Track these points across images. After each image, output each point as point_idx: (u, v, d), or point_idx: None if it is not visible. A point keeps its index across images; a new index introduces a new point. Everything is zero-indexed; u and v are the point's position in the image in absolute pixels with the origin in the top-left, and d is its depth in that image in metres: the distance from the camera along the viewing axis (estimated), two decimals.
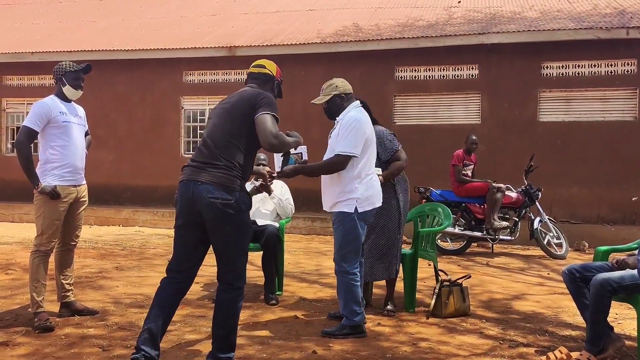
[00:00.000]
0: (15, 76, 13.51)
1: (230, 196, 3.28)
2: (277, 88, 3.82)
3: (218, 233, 3.33)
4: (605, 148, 10.36)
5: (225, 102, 3.59)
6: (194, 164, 3.40)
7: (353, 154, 4.25)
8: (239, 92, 3.62)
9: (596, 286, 3.64)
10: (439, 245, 8.69)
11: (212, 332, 3.43)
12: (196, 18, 14.42)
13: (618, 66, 10.45)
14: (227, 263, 3.39)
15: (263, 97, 3.47)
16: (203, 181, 3.29)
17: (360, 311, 4.35)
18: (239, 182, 3.35)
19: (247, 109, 3.42)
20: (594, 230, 9.81)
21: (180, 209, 3.41)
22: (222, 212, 3.27)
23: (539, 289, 6.21)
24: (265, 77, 3.74)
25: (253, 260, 6.30)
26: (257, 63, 3.78)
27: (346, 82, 4.57)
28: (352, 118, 4.36)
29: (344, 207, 4.30)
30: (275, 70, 3.80)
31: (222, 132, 3.41)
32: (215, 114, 3.56)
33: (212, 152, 3.37)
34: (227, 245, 3.36)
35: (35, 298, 4.39)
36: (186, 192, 3.35)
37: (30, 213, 12.22)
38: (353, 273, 4.32)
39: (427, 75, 11.38)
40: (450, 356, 3.90)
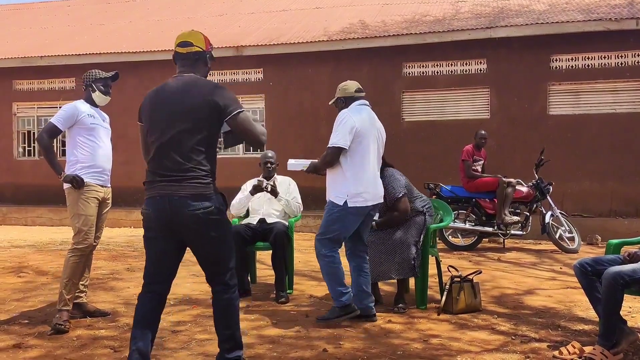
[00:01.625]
0: (25, 80, 13.60)
1: (209, 203, 3.16)
2: (209, 61, 3.47)
3: (205, 241, 3.22)
4: (616, 140, 10.27)
5: (169, 102, 3.22)
6: (162, 177, 3.18)
7: (340, 145, 4.43)
8: (178, 85, 3.25)
9: (608, 279, 3.60)
10: (450, 241, 8.67)
11: (218, 334, 3.37)
12: (203, 19, 14.44)
13: (628, 57, 10.34)
14: (220, 265, 3.31)
15: (221, 92, 3.20)
16: (180, 195, 3.12)
17: (347, 291, 4.51)
18: (212, 186, 3.22)
19: (209, 109, 3.16)
20: (606, 223, 9.74)
21: (153, 223, 3.22)
22: (206, 220, 3.15)
23: (551, 284, 6.17)
24: (195, 55, 3.37)
25: (263, 259, 6.32)
26: (182, 40, 3.37)
27: (350, 86, 4.76)
28: (342, 112, 4.58)
29: (333, 197, 4.53)
30: (203, 42, 3.41)
31: (184, 138, 3.16)
32: (163, 117, 3.21)
33: (178, 162, 3.15)
34: (217, 250, 3.28)
35: (64, 295, 4.48)
36: (161, 207, 3.16)
37: (42, 216, 12.34)
38: (330, 255, 4.50)
39: (435, 71, 11.33)
40: (462, 352, 3.88)
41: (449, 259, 7.42)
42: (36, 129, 13.47)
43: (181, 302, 5.32)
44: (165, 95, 3.26)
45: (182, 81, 3.27)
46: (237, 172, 11.70)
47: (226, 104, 3.17)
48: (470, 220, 8.64)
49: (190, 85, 3.23)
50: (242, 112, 3.21)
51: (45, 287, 5.91)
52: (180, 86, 3.24)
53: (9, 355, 3.84)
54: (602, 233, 9.27)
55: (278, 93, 12.03)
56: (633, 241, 4.42)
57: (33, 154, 13.56)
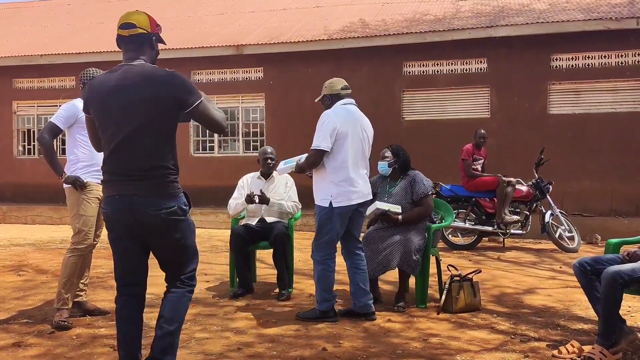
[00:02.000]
0: (25, 79, 13.60)
1: (172, 203, 2.99)
2: (156, 43, 3.20)
3: (167, 243, 3.06)
4: (616, 140, 10.26)
5: (122, 94, 2.96)
6: (121, 176, 2.98)
7: (322, 147, 4.46)
8: (129, 75, 2.99)
9: (607, 279, 3.60)
10: (450, 240, 8.67)
11: (156, 329, 3.10)
12: (203, 17, 14.44)
13: (628, 57, 10.34)
14: (181, 267, 3.17)
15: (179, 83, 2.98)
16: (140, 194, 2.94)
17: (331, 298, 4.61)
18: (175, 184, 3.04)
19: (167, 102, 2.96)
20: (606, 223, 9.73)
21: (114, 223, 3.06)
22: (169, 221, 2.99)
23: (550, 283, 6.17)
24: (140, 38, 3.09)
25: (263, 257, 6.32)
26: (125, 22, 3.10)
27: (336, 83, 4.76)
28: (324, 114, 4.59)
29: (319, 201, 4.59)
30: (148, 23, 3.13)
31: (143, 134, 2.95)
32: (117, 111, 2.97)
33: (138, 160, 2.96)
34: (179, 252, 3.13)
35: (63, 294, 4.49)
36: (121, 207, 2.98)
37: (42, 215, 12.34)
38: (325, 263, 4.56)
39: (435, 70, 11.32)
40: (461, 351, 3.88)
41: (448, 258, 7.42)
42: (36, 128, 13.47)
43: None
44: (116, 87, 2.98)
45: (133, 71, 3.01)
46: (237, 171, 11.72)
47: (186, 96, 2.98)
48: (470, 219, 8.64)
49: (143, 76, 2.98)
50: (202, 101, 3.03)
51: (45, 286, 5.92)
52: (132, 77, 2.98)
53: (8, 353, 3.84)
54: (602, 232, 9.27)
55: (278, 92, 12.03)
56: (632, 240, 4.42)
57: (33, 152, 13.56)
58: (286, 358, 3.76)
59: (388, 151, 5.35)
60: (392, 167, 5.26)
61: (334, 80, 4.78)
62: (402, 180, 5.25)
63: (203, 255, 7.93)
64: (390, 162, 5.27)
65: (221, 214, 11.38)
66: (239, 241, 5.45)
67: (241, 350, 3.90)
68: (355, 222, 4.69)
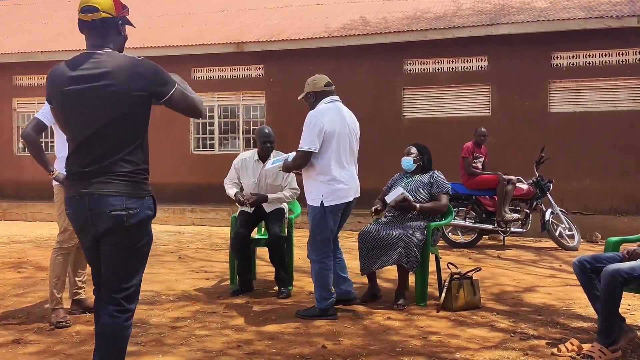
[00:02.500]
0: (25, 76, 13.59)
1: (134, 205, 2.70)
2: (122, 28, 2.88)
3: (115, 245, 2.73)
4: (617, 138, 10.25)
5: (87, 87, 2.69)
6: (84, 175, 2.71)
7: (309, 149, 4.48)
8: (95, 65, 2.70)
9: (607, 277, 3.61)
10: (450, 238, 8.67)
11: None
12: (204, 15, 14.42)
13: (629, 55, 10.32)
14: (121, 280, 2.76)
15: (150, 72, 2.73)
16: (102, 193, 2.67)
17: (329, 297, 4.61)
18: (143, 185, 2.77)
19: (139, 94, 2.70)
20: (607, 221, 9.73)
21: (77, 227, 2.83)
22: (125, 225, 2.69)
23: (550, 281, 6.17)
24: (103, 22, 2.78)
25: (263, 255, 6.32)
26: (86, 4, 2.81)
27: (320, 80, 4.73)
28: (310, 115, 4.58)
29: (311, 201, 4.62)
30: (112, 6, 2.81)
31: (111, 130, 2.69)
32: (82, 106, 2.70)
33: (103, 158, 2.68)
34: (124, 259, 2.76)
35: (55, 295, 4.47)
36: (81, 207, 2.71)
37: (42, 212, 12.34)
38: (322, 262, 4.60)
39: (436, 68, 11.31)
40: (461, 349, 3.88)
41: (448, 256, 7.42)
42: None
43: (180, 298, 5.32)
44: (80, 80, 2.70)
45: (98, 60, 2.71)
46: None
47: (159, 88, 2.74)
48: (470, 217, 8.64)
49: (111, 67, 2.68)
50: (176, 88, 2.79)
51: (44, 283, 5.91)
52: (98, 68, 2.69)
53: (8, 350, 3.84)
54: (602, 231, 9.27)
55: (279, 89, 12.02)
56: (632, 239, 4.42)
57: None
58: (286, 355, 3.76)
59: (413, 147, 5.44)
60: (417, 164, 5.37)
61: (317, 77, 4.75)
62: (423, 176, 5.35)
63: (203, 252, 7.98)
64: (416, 159, 5.37)
65: (221, 211, 11.38)
66: (239, 242, 5.44)
67: (241, 348, 3.90)
68: (343, 217, 4.79)
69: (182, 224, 11.41)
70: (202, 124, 12.68)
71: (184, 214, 11.68)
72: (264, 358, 3.72)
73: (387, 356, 3.75)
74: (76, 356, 3.75)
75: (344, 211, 4.75)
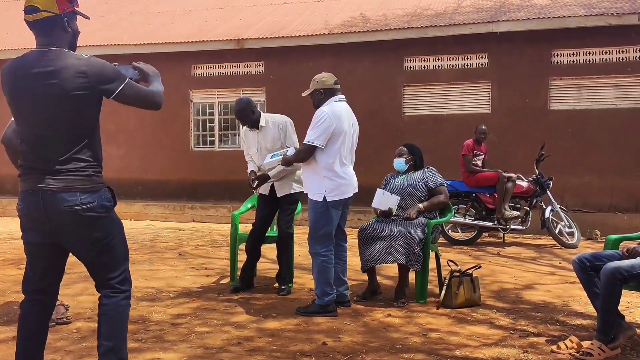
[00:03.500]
0: None
1: (90, 198, 2.73)
2: (70, 24, 2.82)
3: (86, 243, 2.79)
4: (617, 136, 10.25)
5: (35, 85, 2.71)
6: (35, 170, 2.74)
7: (315, 144, 4.56)
8: (43, 64, 2.71)
9: (607, 275, 3.61)
10: (450, 235, 8.68)
11: (98, 346, 2.89)
12: (204, 11, 14.40)
13: (630, 53, 10.31)
14: (107, 270, 2.86)
15: (97, 70, 2.73)
16: (55, 189, 2.69)
17: (331, 292, 4.65)
18: (96, 178, 2.79)
19: (87, 93, 2.71)
20: (606, 218, 9.74)
21: (27, 223, 2.83)
22: (87, 219, 2.73)
23: (550, 279, 6.18)
24: (46, 22, 2.75)
25: (264, 252, 6.31)
26: (28, 5, 2.76)
27: (328, 77, 4.80)
28: (321, 111, 4.63)
29: (313, 196, 4.67)
30: (54, 4, 2.75)
31: (59, 127, 2.72)
32: (31, 103, 2.73)
33: (53, 153, 2.71)
34: (101, 252, 2.83)
35: None
36: (34, 203, 2.73)
37: None
38: (325, 255, 4.64)
39: (436, 65, 11.30)
40: (461, 346, 3.89)
41: (448, 253, 7.43)
42: None
43: (181, 295, 5.33)
44: (28, 77, 2.73)
45: (47, 59, 2.72)
46: (237, 165, 11.71)
47: (106, 85, 2.75)
48: (470, 214, 8.64)
49: (59, 66, 2.69)
50: (126, 83, 2.79)
51: None
52: (45, 65, 2.70)
53: (9, 347, 3.85)
54: (602, 228, 9.28)
55: (279, 86, 12.01)
56: (632, 237, 4.43)
57: None
58: (286, 352, 3.77)
59: (404, 149, 5.54)
60: (409, 164, 5.46)
61: (325, 75, 4.81)
62: (417, 172, 5.43)
63: (203, 249, 7.99)
64: (407, 159, 5.46)
65: (221, 208, 11.39)
66: (252, 242, 5.46)
67: (241, 345, 3.91)
68: (343, 213, 4.85)
69: (182, 221, 11.41)
70: (202, 121, 12.68)
71: (183, 211, 11.69)
72: (265, 355, 3.73)
73: (387, 353, 3.76)
74: (77, 352, 3.76)
75: (344, 207, 4.81)
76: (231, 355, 3.73)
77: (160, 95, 2.96)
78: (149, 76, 2.99)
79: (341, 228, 4.93)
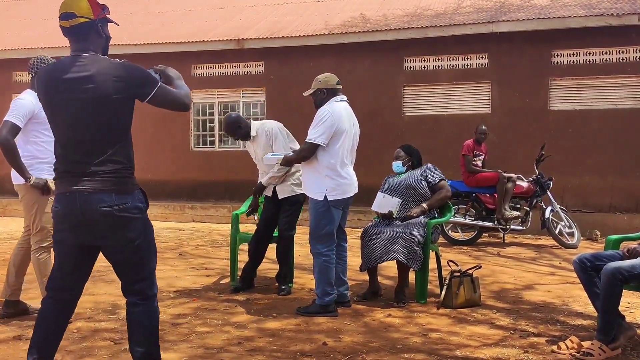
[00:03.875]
0: (25, 72, 13.53)
1: (124, 200, 2.82)
2: (103, 29, 2.95)
3: (119, 243, 2.86)
4: (617, 136, 10.25)
5: (70, 90, 2.79)
6: (72, 172, 2.82)
7: (318, 142, 4.57)
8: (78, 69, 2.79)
9: (607, 275, 3.62)
10: (450, 235, 8.68)
11: (130, 351, 2.97)
12: (204, 11, 14.40)
13: (630, 53, 10.31)
14: (137, 272, 2.93)
15: (131, 75, 2.83)
16: (91, 190, 2.77)
17: (332, 292, 4.66)
18: (130, 180, 2.88)
19: (120, 97, 2.80)
20: (606, 219, 9.74)
21: (62, 224, 2.89)
22: (121, 219, 2.81)
23: (550, 279, 6.18)
24: (82, 28, 2.85)
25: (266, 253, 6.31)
26: (64, 11, 2.87)
27: (331, 78, 4.83)
28: (324, 110, 4.66)
29: (314, 195, 4.67)
30: (89, 10, 2.87)
31: (95, 130, 2.80)
32: (66, 108, 2.82)
33: (89, 156, 2.80)
34: (133, 254, 2.90)
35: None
36: (71, 204, 2.81)
37: None
38: (327, 255, 4.64)
39: (436, 65, 11.30)
40: (461, 347, 3.89)
41: (448, 253, 7.43)
42: None
43: (181, 294, 5.33)
44: (64, 82, 2.81)
45: (81, 64, 2.80)
46: (237, 165, 11.73)
47: (140, 89, 2.85)
48: (470, 215, 8.65)
49: (92, 70, 2.78)
50: (159, 87, 2.88)
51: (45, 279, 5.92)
52: (80, 70, 2.79)
53: (9, 346, 3.85)
54: (602, 228, 9.28)
55: (279, 86, 12.01)
56: (632, 237, 4.43)
57: None
58: (286, 352, 3.77)
59: (402, 151, 5.56)
60: (406, 165, 5.48)
61: (328, 76, 4.84)
62: (414, 171, 5.43)
63: (203, 249, 7.99)
64: (405, 161, 5.48)
65: (221, 208, 11.39)
66: (256, 244, 5.47)
67: (242, 345, 3.92)
68: (344, 213, 4.85)
69: (182, 221, 11.41)
70: (202, 121, 12.69)
71: (183, 211, 11.69)
72: (265, 355, 3.73)
73: (387, 353, 3.76)
74: (77, 352, 3.76)
75: (345, 207, 4.82)
76: (231, 355, 3.73)
77: (188, 96, 3.05)
78: (172, 78, 3.07)
79: (342, 228, 4.94)
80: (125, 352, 3.68)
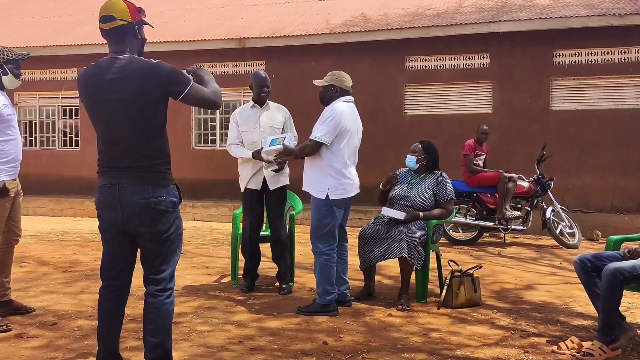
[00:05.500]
0: (26, 70, 13.54)
1: (161, 193, 3.00)
2: (139, 32, 3.12)
3: (151, 232, 3.03)
4: (618, 136, 10.24)
5: (108, 90, 2.96)
6: (113, 167, 3.02)
7: (322, 140, 4.57)
8: (115, 70, 2.96)
9: (608, 276, 3.62)
10: (451, 235, 8.68)
11: (144, 342, 3.12)
12: (205, 10, 14.41)
13: (632, 53, 10.30)
14: (160, 264, 3.09)
15: (165, 74, 2.97)
16: (130, 182, 2.97)
17: (333, 291, 4.67)
18: (166, 175, 3.06)
19: (155, 96, 2.97)
20: (607, 219, 9.74)
21: (104, 214, 3.09)
22: (155, 211, 2.99)
23: (550, 279, 6.18)
24: (120, 30, 3.01)
25: (264, 251, 6.32)
26: (105, 14, 3.01)
27: (348, 79, 4.85)
28: (331, 109, 4.65)
29: (316, 193, 4.67)
30: (128, 13, 3.03)
31: (132, 128, 2.98)
32: (105, 107, 2.99)
33: (128, 152, 2.99)
34: (161, 246, 3.07)
35: None
36: (111, 196, 3.01)
37: (44, 206, 12.36)
38: (328, 254, 4.65)
39: (437, 65, 11.29)
40: (461, 346, 3.89)
41: (449, 253, 7.44)
42: (37, 119, 13.48)
43: (182, 293, 5.33)
44: (103, 82, 2.97)
45: (119, 65, 2.97)
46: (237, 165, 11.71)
47: (175, 88, 2.99)
48: (471, 214, 8.64)
49: (130, 71, 2.95)
50: (192, 86, 3.02)
51: (46, 277, 5.94)
52: (118, 71, 2.95)
53: (10, 344, 3.86)
54: (603, 229, 9.27)
55: (280, 85, 11.96)
56: (633, 237, 4.44)
57: (34, 144, 13.54)
58: (287, 351, 3.77)
59: (419, 146, 5.36)
60: (421, 164, 5.30)
61: (345, 76, 4.83)
62: (428, 177, 5.29)
63: (204, 248, 7.99)
64: (419, 158, 5.29)
65: (222, 207, 11.39)
66: (248, 246, 5.46)
67: (242, 344, 3.92)
68: (345, 213, 4.85)
69: (183, 220, 11.39)
70: (204, 120, 12.69)
71: (184, 210, 11.67)
72: (265, 354, 3.73)
73: (387, 353, 3.77)
74: (78, 350, 3.77)
75: (346, 206, 4.82)
76: (232, 354, 3.73)
77: (218, 95, 3.16)
78: (204, 78, 3.17)
79: (343, 228, 4.94)
80: (125, 350, 3.69)
